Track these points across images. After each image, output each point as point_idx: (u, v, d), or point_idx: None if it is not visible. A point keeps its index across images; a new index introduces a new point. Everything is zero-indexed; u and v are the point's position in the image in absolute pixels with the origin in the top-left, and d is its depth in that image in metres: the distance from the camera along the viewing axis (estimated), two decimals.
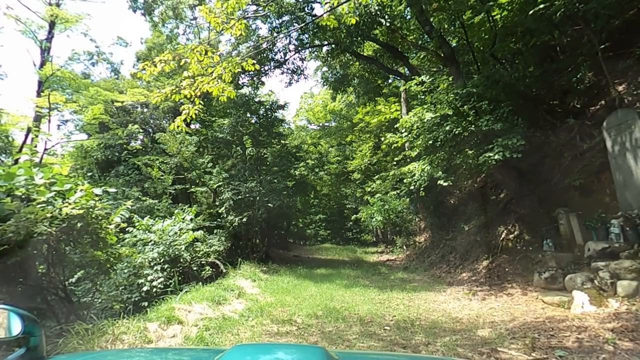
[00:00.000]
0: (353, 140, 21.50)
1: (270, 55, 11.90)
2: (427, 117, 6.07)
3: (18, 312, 1.22)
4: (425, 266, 10.08)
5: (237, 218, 10.71)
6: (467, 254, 8.73)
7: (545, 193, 7.63)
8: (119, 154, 14.51)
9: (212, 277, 8.94)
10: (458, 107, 6.62)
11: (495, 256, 7.61)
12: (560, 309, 4.75)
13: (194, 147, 10.88)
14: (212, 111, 14.06)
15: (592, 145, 7.36)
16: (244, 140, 10.75)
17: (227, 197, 10.17)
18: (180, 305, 4.82)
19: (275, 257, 14.18)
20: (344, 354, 1.60)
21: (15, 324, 1.19)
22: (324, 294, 6.85)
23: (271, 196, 10.91)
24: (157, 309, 4.76)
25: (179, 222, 8.32)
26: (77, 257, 5.68)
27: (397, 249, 15.34)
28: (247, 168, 11.26)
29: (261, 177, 11.04)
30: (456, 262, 8.87)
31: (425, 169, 6.82)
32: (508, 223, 7.89)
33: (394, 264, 12.35)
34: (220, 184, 10.55)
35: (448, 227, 10.76)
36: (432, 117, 6.05)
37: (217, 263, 8.85)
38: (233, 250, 12.19)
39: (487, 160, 6.08)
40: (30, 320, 1.22)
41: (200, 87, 5.66)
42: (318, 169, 14.68)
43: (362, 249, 19.63)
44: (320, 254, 17.73)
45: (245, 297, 6.31)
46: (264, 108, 12.80)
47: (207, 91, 5.78)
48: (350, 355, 1.81)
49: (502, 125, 6.33)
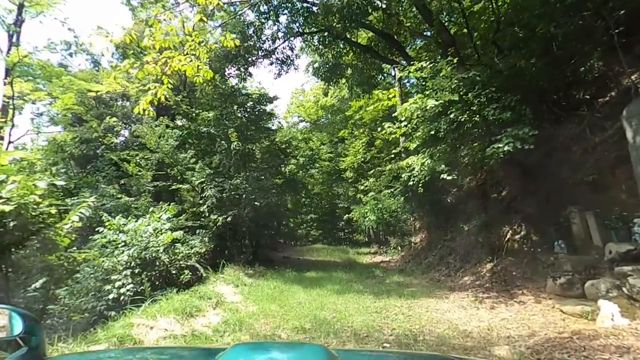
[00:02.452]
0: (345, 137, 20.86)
1: (258, 44, 11.17)
2: (429, 104, 5.43)
3: (19, 312, 1.24)
4: (422, 269, 9.46)
5: (221, 217, 9.93)
6: (468, 255, 8.13)
7: (553, 190, 7.06)
8: (96, 148, 13.58)
9: (191, 282, 8.17)
10: (462, 95, 5.99)
11: (499, 258, 7.01)
12: (583, 321, 4.14)
13: (175, 141, 10.04)
14: (196, 104, 13.24)
15: (604, 138, 6.82)
16: (228, 133, 9.97)
17: (209, 194, 9.39)
18: (141, 320, 4.06)
19: (264, 258, 13.41)
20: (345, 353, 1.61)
21: (17, 323, 1.21)
22: (314, 302, 6.15)
23: (258, 194, 10.17)
24: (113, 325, 3.99)
25: (154, 222, 7.51)
26: (27, 262, 4.91)
27: (391, 250, 14.75)
28: (232, 164, 10.49)
29: (248, 173, 10.28)
30: (456, 264, 8.26)
31: (425, 162, 6.18)
32: (513, 222, 7.31)
33: (389, 266, 11.71)
34: (203, 181, 9.76)
35: (446, 227, 10.16)
36: (435, 104, 5.40)
37: (197, 267, 8.07)
38: (217, 252, 11.40)
39: (495, 152, 5.46)
40: (31, 320, 1.24)
41: (170, 65, 4.92)
42: (309, 166, 13.97)
43: (354, 250, 18.99)
44: (311, 255, 17.03)
45: (223, 306, 5.56)
46: (251, 101, 12.05)
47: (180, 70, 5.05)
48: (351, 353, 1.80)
49: (510, 115, 5.72)
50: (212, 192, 9.39)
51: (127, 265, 6.92)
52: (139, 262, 7.93)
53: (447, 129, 5.72)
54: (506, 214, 7.76)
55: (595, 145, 6.90)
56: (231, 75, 12.82)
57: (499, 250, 7.17)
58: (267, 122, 12.65)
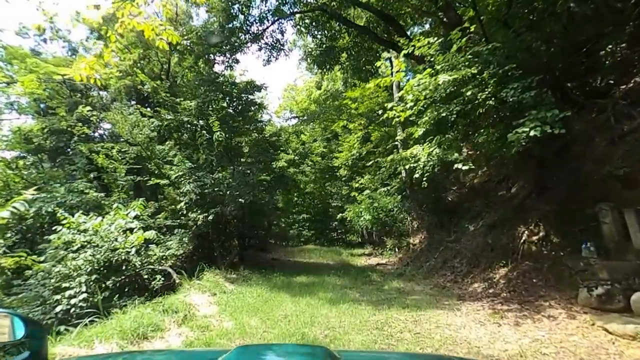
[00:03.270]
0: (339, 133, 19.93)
1: (245, 26, 10.19)
2: (440, 80, 4.54)
3: (21, 316, 1.26)
4: (423, 273, 8.59)
5: (202, 216, 8.93)
6: (476, 259, 7.29)
7: (575, 186, 6.25)
8: (68, 140, 12.45)
9: (163, 289, 7.18)
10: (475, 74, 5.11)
11: (515, 263, 6.17)
12: None
13: (152, 131, 9.01)
14: (179, 93, 12.20)
15: (634, 127, 6.04)
16: (210, 122, 8.97)
17: (188, 189, 8.38)
18: (70, 348, 3.07)
19: (251, 260, 12.43)
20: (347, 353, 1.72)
21: (19, 328, 1.22)
22: (303, 314, 5.22)
23: (244, 190, 9.18)
24: None
25: (119, 220, 6.50)
26: None
27: (387, 252, 13.88)
28: (215, 156, 9.49)
29: (232, 167, 9.30)
30: (462, 268, 7.40)
31: (434, 152, 5.30)
32: (529, 222, 6.47)
33: (386, 269, 10.83)
34: (181, 175, 8.74)
35: (449, 227, 9.32)
36: (448, 79, 4.52)
37: (169, 271, 7.07)
38: (198, 254, 10.42)
39: (520, 138, 4.59)
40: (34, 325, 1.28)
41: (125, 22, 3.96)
42: (301, 161, 13.03)
43: (347, 251, 18.10)
44: (303, 257, 16.08)
45: (192, 322, 4.59)
46: (237, 89, 11.06)
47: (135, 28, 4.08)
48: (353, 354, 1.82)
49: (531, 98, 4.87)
50: (191, 187, 8.39)
51: (85, 270, 5.90)
52: (103, 267, 6.96)
53: (461, 111, 4.85)
54: (519, 212, 6.93)
55: (622, 135, 6.10)
56: (216, 62, 11.84)
57: (514, 254, 6.33)
58: (255, 114, 11.67)
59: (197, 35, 9.51)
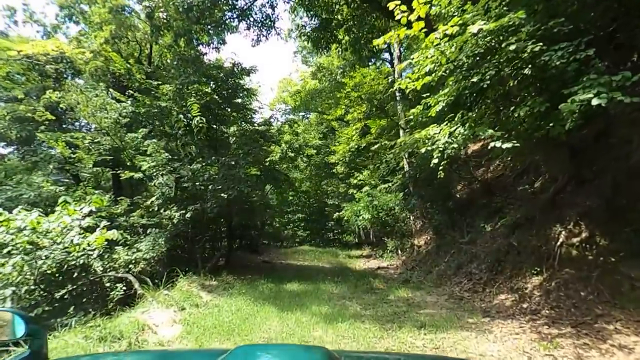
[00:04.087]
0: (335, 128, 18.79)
1: None
2: (474, 28, 3.40)
3: (21, 314, 1.26)
4: (433, 279, 7.47)
5: (178, 213, 7.74)
6: (497, 264, 6.17)
7: (622, 177, 5.17)
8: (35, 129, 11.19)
9: (124, 301, 5.99)
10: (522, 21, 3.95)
11: (552, 270, 5.05)
12: None
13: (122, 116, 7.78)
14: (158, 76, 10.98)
15: None
16: (188, 105, 7.77)
17: (161, 182, 7.19)
18: None
19: (239, 263, 11.26)
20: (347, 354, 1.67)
21: (19, 326, 1.22)
22: (290, 338, 4.07)
23: (227, 184, 8.00)
24: None
25: (65, 217, 5.29)
26: None
27: (388, 253, 12.77)
28: (195, 145, 8.29)
29: (214, 158, 8.11)
30: (482, 275, 6.29)
31: (457, 131, 4.18)
32: (566, 221, 5.36)
33: (388, 274, 9.71)
34: (153, 166, 7.54)
35: (461, 227, 8.21)
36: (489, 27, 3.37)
37: (130, 279, 5.88)
38: (177, 257, 9.23)
39: (573, 110, 3.47)
40: (33, 323, 1.27)
41: None
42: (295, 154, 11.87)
43: (344, 252, 17.00)
44: (297, 258, 14.94)
45: None
46: (223, 72, 9.87)
47: None
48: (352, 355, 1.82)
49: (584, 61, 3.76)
50: (164, 179, 7.19)
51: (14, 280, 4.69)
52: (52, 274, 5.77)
53: (496, 76, 3.72)
54: (553, 209, 5.83)
55: None
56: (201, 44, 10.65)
57: (548, 259, 5.22)
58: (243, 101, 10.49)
59: (175, 8, 8.31)
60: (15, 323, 1.22)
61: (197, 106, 7.60)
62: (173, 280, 7.23)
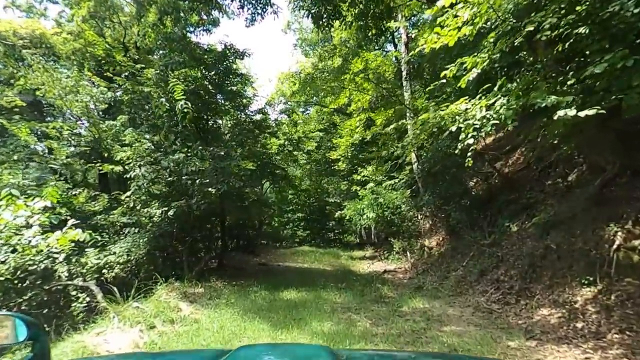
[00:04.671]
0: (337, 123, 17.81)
1: None
2: None
3: (23, 318, 1.24)
4: (451, 286, 6.51)
5: (159, 211, 6.80)
6: (532, 270, 5.21)
7: None
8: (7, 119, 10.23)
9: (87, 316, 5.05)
10: None
11: (608, 280, 4.10)
12: None
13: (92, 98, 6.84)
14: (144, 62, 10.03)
15: None
16: (170, 87, 6.81)
17: (137, 174, 6.24)
18: None
19: (232, 266, 10.32)
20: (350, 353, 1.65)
21: (21, 330, 1.20)
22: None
23: (216, 177, 7.06)
24: None
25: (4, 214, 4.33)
26: None
27: (394, 255, 11.81)
28: (180, 134, 7.34)
29: (200, 148, 7.16)
30: (513, 284, 5.33)
31: (498, 103, 3.22)
32: (623, 219, 4.40)
33: (397, 279, 8.76)
34: (129, 155, 6.59)
35: (482, 226, 7.25)
36: None
37: (92, 289, 4.93)
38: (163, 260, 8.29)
39: None
40: (35, 327, 1.23)
41: None
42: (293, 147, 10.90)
43: (346, 253, 16.03)
44: (296, 260, 13.97)
45: None
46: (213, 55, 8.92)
47: None
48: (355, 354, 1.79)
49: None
50: (141, 171, 6.24)
51: None
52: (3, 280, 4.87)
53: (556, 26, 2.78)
54: (599, 205, 4.87)
55: None
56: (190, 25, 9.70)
57: (602, 266, 4.27)
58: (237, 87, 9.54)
59: None
60: (17, 327, 1.20)
61: (181, 87, 6.65)
62: (152, 288, 6.31)
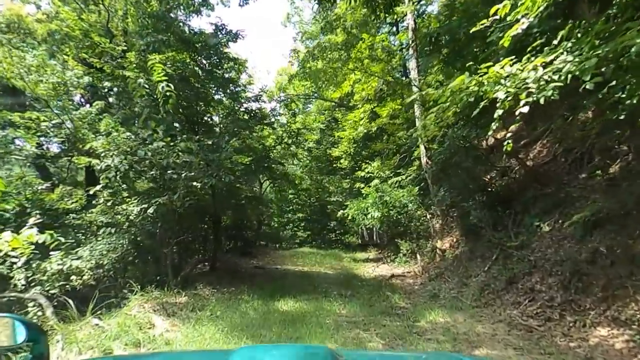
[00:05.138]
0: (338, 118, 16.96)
1: None
2: None
3: (22, 320, 1.24)
4: (473, 294, 5.63)
5: (138, 208, 5.94)
6: (577, 279, 4.33)
7: None
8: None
9: None
10: None
11: None
12: None
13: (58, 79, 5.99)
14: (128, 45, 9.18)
15: None
16: (149, 65, 5.97)
17: (108, 165, 5.39)
18: None
19: (225, 270, 9.44)
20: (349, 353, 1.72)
21: (20, 332, 1.20)
22: None
23: (202, 171, 6.21)
24: None
25: None
26: None
27: (401, 258, 10.95)
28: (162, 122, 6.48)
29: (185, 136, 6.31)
30: (554, 294, 4.44)
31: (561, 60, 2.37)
32: None
33: (407, 284, 7.90)
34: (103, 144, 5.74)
35: (507, 226, 6.37)
36: None
37: (41, 302, 4.07)
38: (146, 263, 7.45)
39: None
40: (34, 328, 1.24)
41: None
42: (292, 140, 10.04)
43: (348, 255, 15.20)
44: (296, 263, 13.08)
45: None
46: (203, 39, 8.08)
47: None
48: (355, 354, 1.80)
49: None
50: (114, 162, 5.38)
51: None
52: None
53: None
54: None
55: None
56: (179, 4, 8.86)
57: None
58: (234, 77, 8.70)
59: None
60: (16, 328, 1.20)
61: (161, 67, 5.79)
62: (127, 297, 5.45)
